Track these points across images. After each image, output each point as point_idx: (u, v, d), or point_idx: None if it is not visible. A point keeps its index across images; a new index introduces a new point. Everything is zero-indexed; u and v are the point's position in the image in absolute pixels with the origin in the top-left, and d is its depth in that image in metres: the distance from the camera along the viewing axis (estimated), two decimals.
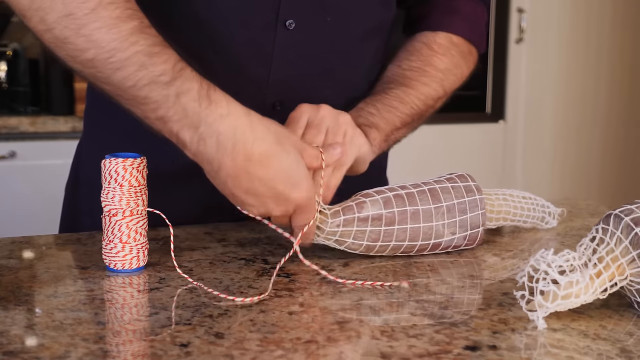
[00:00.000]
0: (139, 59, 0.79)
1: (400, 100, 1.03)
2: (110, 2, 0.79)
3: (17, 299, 0.74)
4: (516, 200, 1.00)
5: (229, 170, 0.79)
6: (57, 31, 0.80)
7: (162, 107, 0.79)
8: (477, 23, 1.14)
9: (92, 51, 0.79)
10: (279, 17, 0.96)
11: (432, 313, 0.72)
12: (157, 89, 0.79)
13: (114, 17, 0.79)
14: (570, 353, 0.63)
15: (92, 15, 0.78)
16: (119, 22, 0.79)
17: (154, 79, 0.79)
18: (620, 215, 0.72)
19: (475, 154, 3.08)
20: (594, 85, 3.27)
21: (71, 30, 0.79)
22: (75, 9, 0.78)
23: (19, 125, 2.32)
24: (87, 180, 1.11)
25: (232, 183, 0.80)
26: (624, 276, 0.70)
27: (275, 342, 0.64)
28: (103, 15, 0.79)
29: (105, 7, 0.79)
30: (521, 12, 3.09)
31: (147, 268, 0.84)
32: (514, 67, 3.11)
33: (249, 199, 0.82)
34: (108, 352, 0.62)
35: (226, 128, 0.79)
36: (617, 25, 3.26)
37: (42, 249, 0.93)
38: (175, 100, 0.79)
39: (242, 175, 0.80)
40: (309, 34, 0.99)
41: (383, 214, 0.87)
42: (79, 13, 0.78)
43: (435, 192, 0.89)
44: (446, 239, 0.90)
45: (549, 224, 1.04)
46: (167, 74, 0.79)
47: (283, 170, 0.81)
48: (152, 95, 0.79)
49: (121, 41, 0.79)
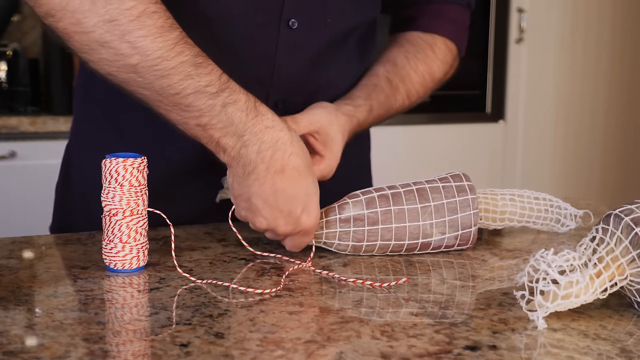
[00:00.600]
0: (185, 69, 0.81)
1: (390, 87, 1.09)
2: (154, 11, 0.81)
3: (17, 299, 0.74)
4: (525, 201, 0.99)
5: (260, 175, 0.83)
6: (96, 35, 0.80)
7: (205, 115, 0.82)
8: (462, 27, 1.18)
9: (137, 57, 0.80)
10: (282, 17, 0.97)
11: (432, 313, 0.72)
12: (202, 98, 0.82)
13: (159, 26, 0.80)
14: (570, 353, 0.63)
15: (136, 22, 0.80)
16: (163, 31, 0.81)
17: (201, 89, 0.81)
18: (620, 215, 0.72)
19: (475, 154, 3.08)
20: (594, 85, 3.27)
21: (114, 35, 0.80)
22: (119, 15, 0.79)
23: (19, 125, 2.32)
24: (78, 180, 1.11)
25: (257, 189, 0.84)
26: (624, 276, 0.70)
27: (275, 342, 0.64)
28: (148, 24, 0.80)
29: (149, 16, 0.80)
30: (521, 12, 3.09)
31: (147, 268, 0.84)
32: (514, 67, 3.11)
33: (265, 209, 0.85)
34: (108, 352, 0.62)
35: (269, 138, 0.83)
36: (617, 25, 3.26)
37: (42, 249, 0.93)
38: (221, 110, 0.82)
39: (269, 184, 0.84)
40: (310, 33, 1.00)
41: (365, 214, 0.88)
42: (122, 19, 0.79)
43: (423, 192, 0.90)
44: (435, 238, 0.90)
45: (565, 226, 1.02)
46: (214, 85, 0.82)
47: (305, 192, 0.85)
48: (197, 104, 0.82)
49: (167, 50, 0.80)
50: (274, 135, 0.84)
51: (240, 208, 0.88)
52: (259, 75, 0.99)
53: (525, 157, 3.19)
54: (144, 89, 0.83)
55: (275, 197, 0.84)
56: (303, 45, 1.00)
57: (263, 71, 0.99)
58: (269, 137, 0.84)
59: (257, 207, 0.85)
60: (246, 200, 0.86)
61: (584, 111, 3.27)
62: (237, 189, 0.86)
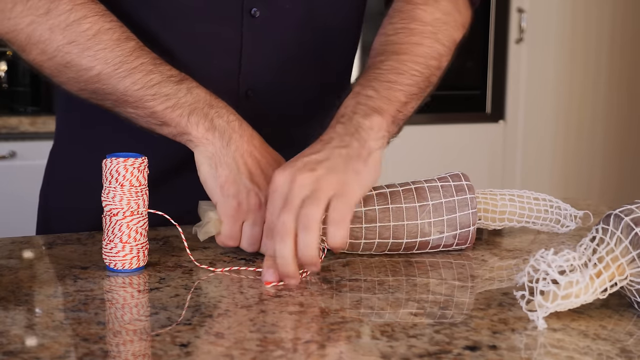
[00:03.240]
0: (146, 67, 0.88)
1: (397, 71, 0.91)
2: (109, 28, 0.88)
3: (17, 299, 0.74)
4: (525, 202, 0.99)
5: (237, 142, 0.87)
6: (59, 58, 0.88)
7: (173, 98, 0.87)
8: None
9: (98, 67, 0.88)
10: (244, 6, 0.98)
11: (432, 313, 0.72)
12: (168, 85, 0.88)
13: (115, 39, 0.88)
14: (570, 353, 0.63)
15: (94, 40, 0.88)
16: (120, 43, 0.88)
17: (165, 78, 0.88)
18: (620, 215, 0.72)
19: (475, 154, 3.08)
20: (594, 85, 3.27)
21: (74, 54, 0.88)
22: (77, 37, 0.87)
23: (19, 125, 2.32)
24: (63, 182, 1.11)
25: (239, 157, 0.87)
26: (624, 276, 0.70)
27: (275, 342, 0.64)
28: (105, 39, 0.88)
29: (105, 32, 0.88)
30: (521, 12, 3.09)
31: (147, 268, 0.84)
32: (514, 67, 3.11)
33: (256, 173, 0.87)
34: (108, 352, 0.62)
35: (233, 113, 0.89)
36: (617, 25, 3.26)
37: (42, 249, 0.93)
38: (187, 92, 0.88)
39: (248, 145, 0.88)
40: (275, 21, 1.00)
41: (362, 211, 0.88)
42: (80, 39, 0.88)
43: (421, 191, 0.90)
44: (434, 237, 0.90)
45: (565, 226, 1.01)
46: (176, 76, 0.89)
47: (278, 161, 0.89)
48: (163, 90, 0.87)
49: (126, 56, 0.88)
50: (234, 111, 0.89)
51: (228, 197, 0.85)
52: (227, 67, 1.00)
53: (525, 157, 3.19)
54: (110, 94, 0.89)
55: (258, 163, 0.88)
56: (269, 34, 1.00)
57: (230, 63, 1.00)
58: (232, 111, 0.89)
59: (244, 179, 0.86)
60: (232, 180, 0.85)
61: (584, 111, 3.27)
62: (225, 164, 0.86)
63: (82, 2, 0.89)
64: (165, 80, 0.88)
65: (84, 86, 0.90)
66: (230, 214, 0.86)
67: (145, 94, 0.87)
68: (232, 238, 0.87)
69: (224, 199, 0.86)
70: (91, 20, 0.88)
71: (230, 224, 0.86)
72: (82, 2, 0.89)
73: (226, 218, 0.86)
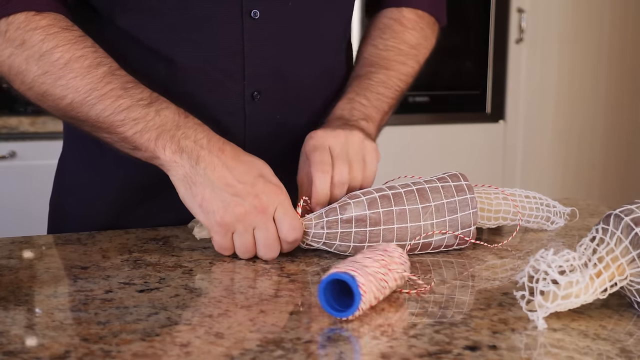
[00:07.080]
0: (116, 93, 0.89)
1: (385, 85, 1.08)
2: (81, 55, 0.90)
3: (17, 299, 0.74)
4: (517, 200, 1.00)
5: (206, 160, 0.86)
6: (36, 88, 0.91)
7: (141, 122, 0.88)
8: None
9: (70, 96, 0.89)
10: (244, 8, 0.98)
11: (432, 313, 0.72)
12: (137, 109, 0.88)
13: (86, 67, 0.89)
14: (570, 353, 0.63)
15: (65, 69, 0.89)
16: (91, 70, 0.89)
17: (134, 103, 0.89)
18: (620, 215, 0.72)
19: (475, 154, 3.08)
20: (594, 85, 3.27)
21: (48, 84, 0.90)
22: (50, 67, 0.89)
23: (19, 125, 2.32)
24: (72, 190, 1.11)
25: (210, 173, 0.86)
26: (624, 276, 0.70)
27: (275, 342, 0.64)
28: (75, 67, 0.89)
29: (76, 60, 0.89)
30: (521, 12, 3.08)
31: (147, 268, 0.84)
32: (514, 67, 3.11)
33: (230, 189, 0.85)
34: (108, 352, 0.62)
35: (201, 130, 0.89)
36: (617, 25, 3.26)
37: (42, 249, 0.93)
38: (155, 115, 0.88)
39: (219, 165, 0.86)
40: (275, 21, 1.00)
41: (367, 214, 0.88)
42: (53, 69, 0.89)
43: (423, 192, 0.90)
44: (436, 238, 0.90)
45: (555, 224, 1.02)
46: (146, 99, 0.89)
47: (251, 161, 0.88)
48: (132, 115, 0.88)
49: (96, 83, 0.89)
50: (204, 129, 0.89)
51: (210, 213, 0.85)
52: (231, 70, 0.99)
53: (525, 157, 3.19)
54: (85, 121, 0.91)
55: (231, 174, 0.86)
56: (270, 34, 1.00)
57: (234, 66, 0.99)
58: (200, 129, 0.89)
59: (222, 193, 0.85)
60: (209, 196, 0.85)
61: (584, 111, 3.27)
62: (197, 184, 0.86)
63: (55, 32, 0.90)
64: (134, 105, 0.88)
65: (63, 114, 0.93)
66: (216, 230, 0.86)
67: (115, 119, 0.88)
68: (225, 249, 0.87)
69: (206, 216, 0.86)
70: (62, 49, 0.89)
71: (219, 238, 0.86)
72: (55, 32, 0.90)
73: (213, 233, 0.87)
